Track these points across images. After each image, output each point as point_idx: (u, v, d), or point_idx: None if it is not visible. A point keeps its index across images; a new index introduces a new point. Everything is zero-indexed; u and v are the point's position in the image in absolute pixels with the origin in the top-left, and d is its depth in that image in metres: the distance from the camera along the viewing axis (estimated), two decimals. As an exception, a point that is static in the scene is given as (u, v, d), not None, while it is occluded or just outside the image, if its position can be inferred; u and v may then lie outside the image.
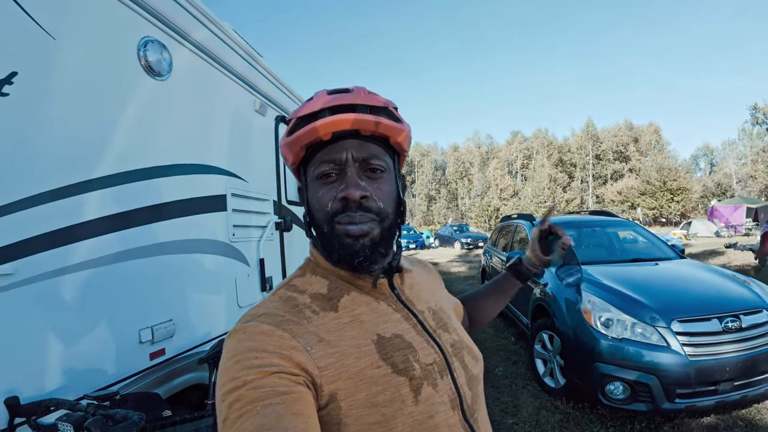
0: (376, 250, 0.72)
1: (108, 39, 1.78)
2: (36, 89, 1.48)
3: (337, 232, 0.70)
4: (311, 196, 0.74)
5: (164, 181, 2.05)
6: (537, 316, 4.47)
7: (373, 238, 0.71)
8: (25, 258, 1.43)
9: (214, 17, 2.46)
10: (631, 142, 62.56)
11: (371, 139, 0.73)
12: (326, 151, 0.71)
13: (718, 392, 3.10)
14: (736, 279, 3.98)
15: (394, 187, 0.76)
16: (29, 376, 1.45)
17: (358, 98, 0.71)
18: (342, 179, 0.70)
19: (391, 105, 0.76)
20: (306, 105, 0.73)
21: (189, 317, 2.23)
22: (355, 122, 0.70)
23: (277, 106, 3.44)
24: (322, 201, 0.71)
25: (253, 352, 0.59)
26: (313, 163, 0.73)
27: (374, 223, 0.71)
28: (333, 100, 0.70)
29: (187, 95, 2.27)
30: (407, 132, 0.77)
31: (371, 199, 0.70)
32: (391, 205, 0.74)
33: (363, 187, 0.70)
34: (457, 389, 0.72)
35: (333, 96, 0.72)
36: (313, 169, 0.73)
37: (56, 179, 1.54)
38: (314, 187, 0.73)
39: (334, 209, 0.70)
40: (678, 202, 46.35)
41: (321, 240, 0.74)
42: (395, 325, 0.73)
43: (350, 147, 0.71)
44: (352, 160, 0.70)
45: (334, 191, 0.70)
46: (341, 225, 0.70)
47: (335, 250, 0.71)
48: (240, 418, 0.54)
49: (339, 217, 0.70)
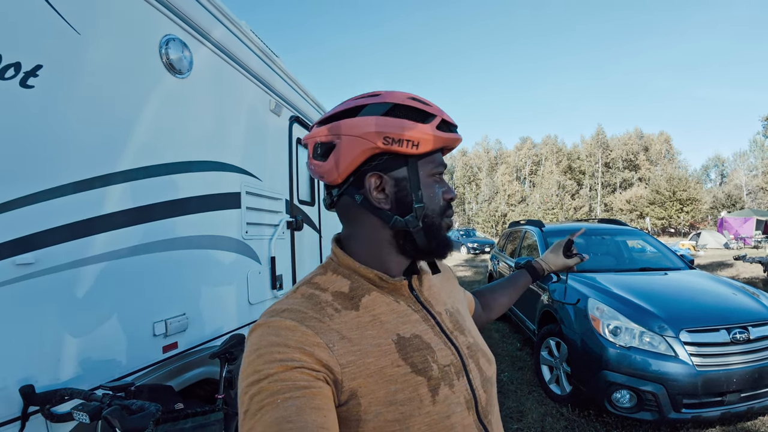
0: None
1: (131, 36, 1.82)
2: (60, 83, 1.51)
3: (445, 224, 0.78)
4: (427, 189, 0.76)
5: (182, 177, 2.08)
6: (544, 322, 4.46)
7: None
8: (46, 248, 1.46)
9: (233, 16, 2.50)
10: (641, 151, 62.08)
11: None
12: (439, 155, 0.79)
13: (725, 403, 3.08)
14: (745, 291, 3.95)
15: None
16: (44, 364, 1.47)
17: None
18: (442, 182, 0.79)
19: None
20: (442, 110, 0.78)
21: (201, 312, 2.25)
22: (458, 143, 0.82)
23: (292, 106, 3.48)
24: (439, 196, 0.77)
25: (276, 347, 0.61)
26: (433, 161, 0.77)
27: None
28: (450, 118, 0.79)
29: (205, 93, 2.31)
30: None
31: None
32: None
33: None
34: (473, 390, 0.74)
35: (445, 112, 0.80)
36: (432, 166, 0.77)
37: (77, 172, 1.57)
38: (430, 182, 0.77)
39: (443, 204, 0.78)
40: (687, 213, 45.89)
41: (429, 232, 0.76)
42: (414, 325, 0.74)
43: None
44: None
45: (441, 190, 0.78)
46: (448, 218, 0.79)
47: (439, 240, 0.77)
48: (261, 410, 0.55)
49: (449, 211, 0.79)
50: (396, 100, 0.73)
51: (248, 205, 2.68)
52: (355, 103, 0.74)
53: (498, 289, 1.29)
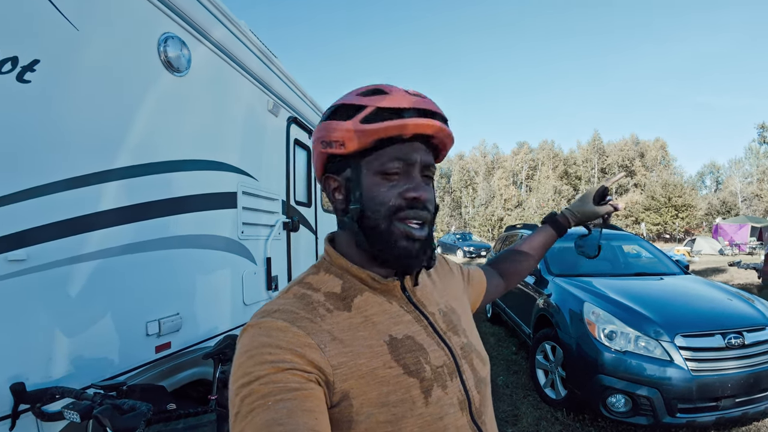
0: (425, 252, 0.73)
1: (130, 33, 1.81)
2: (57, 78, 1.50)
3: (395, 230, 0.70)
4: (369, 188, 0.71)
5: (178, 176, 2.07)
6: (539, 326, 4.45)
7: (426, 240, 0.72)
8: (39, 245, 1.44)
9: (231, 15, 2.50)
10: (637, 157, 62.54)
11: (431, 147, 0.75)
12: (399, 148, 0.70)
13: (719, 408, 3.08)
14: (740, 296, 3.97)
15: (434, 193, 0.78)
16: (36, 362, 1.46)
17: (435, 106, 0.72)
18: (407, 179, 0.70)
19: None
20: (384, 97, 0.70)
21: (195, 312, 2.24)
22: (437, 130, 0.70)
23: (290, 107, 3.47)
24: (384, 196, 0.70)
25: (267, 348, 0.60)
26: (379, 156, 0.70)
27: (427, 225, 0.73)
28: (418, 102, 0.70)
29: (203, 92, 2.30)
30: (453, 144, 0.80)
31: (430, 201, 0.73)
32: (435, 210, 0.76)
33: (430, 190, 0.72)
34: (466, 391, 0.73)
35: (416, 98, 0.71)
36: (378, 162, 0.70)
37: (73, 168, 1.56)
38: (374, 181, 0.71)
39: (397, 205, 0.69)
40: (682, 219, 46.12)
41: (372, 236, 0.71)
42: (407, 326, 0.73)
43: (420, 150, 0.71)
44: (419, 164, 0.71)
45: (398, 189, 0.70)
46: (401, 222, 0.70)
47: (390, 250, 0.71)
48: (251, 413, 0.54)
49: (405, 212, 0.69)
50: (342, 101, 0.73)
51: (244, 205, 2.67)
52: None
53: (516, 253, 1.22)
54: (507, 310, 6.03)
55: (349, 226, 0.74)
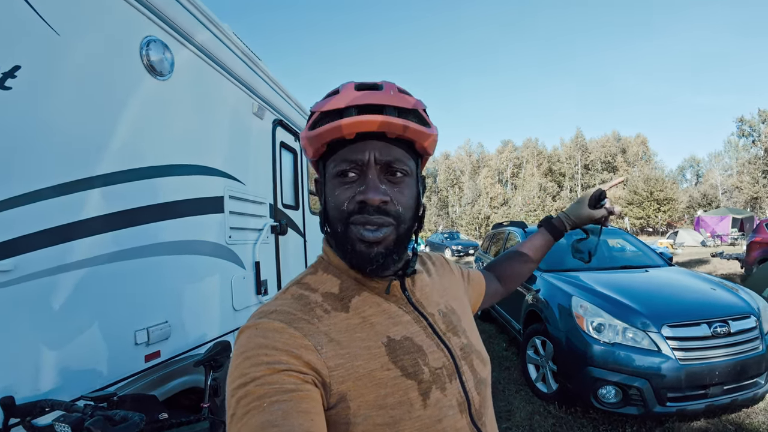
0: (389, 257, 0.70)
1: (112, 37, 1.78)
2: (39, 84, 1.47)
3: (351, 234, 0.68)
4: (329, 192, 0.71)
5: (163, 181, 2.04)
6: (529, 321, 4.49)
7: (387, 245, 0.69)
8: (25, 254, 1.41)
9: (215, 18, 2.48)
10: (619, 153, 63.52)
11: (396, 142, 0.70)
12: (348, 149, 0.68)
13: (708, 396, 3.14)
14: (725, 285, 4.04)
15: (415, 192, 0.74)
16: (24, 375, 1.43)
17: (386, 98, 0.67)
18: (362, 180, 0.68)
19: (421, 106, 0.72)
20: (331, 99, 0.68)
21: (184, 319, 2.21)
22: (382, 125, 0.66)
23: (275, 109, 3.45)
24: (338, 199, 0.69)
25: (264, 349, 0.60)
26: (334, 159, 0.70)
27: (390, 228, 0.68)
28: (360, 98, 0.66)
29: (187, 96, 2.27)
30: (434, 136, 0.74)
31: (391, 203, 0.68)
32: (410, 210, 0.72)
33: (383, 191, 0.67)
34: (466, 393, 0.72)
35: (361, 93, 0.67)
36: (333, 165, 0.70)
37: (56, 175, 1.53)
38: (332, 184, 0.70)
39: (349, 209, 0.68)
40: (665, 212, 46.93)
41: (335, 239, 0.72)
42: (405, 327, 0.72)
43: (374, 148, 0.68)
44: (374, 162, 0.68)
45: (352, 191, 0.68)
46: (356, 226, 0.67)
47: (348, 253, 0.70)
48: (247, 414, 0.54)
49: (354, 217, 0.67)
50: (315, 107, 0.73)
51: (231, 209, 2.64)
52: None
53: (514, 257, 1.21)
54: (497, 306, 6.07)
55: (322, 229, 0.76)
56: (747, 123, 50.60)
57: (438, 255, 1.02)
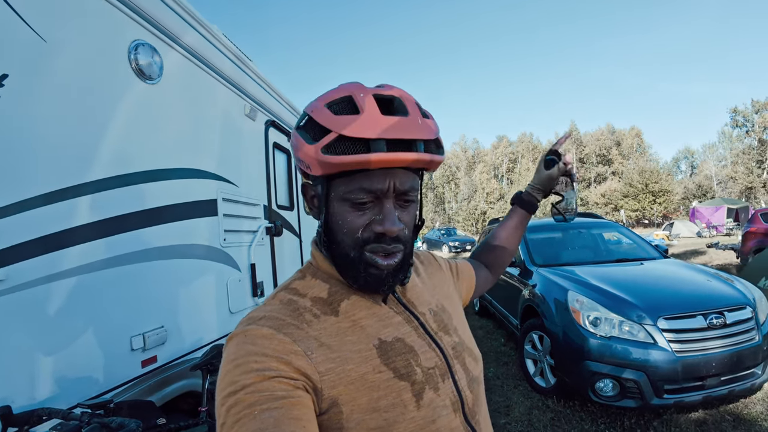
0: (396, 276, 0.71)
1: (99, 42, 1.77)
2: (26, 92, 1.46)
3: (365, 260, 0.68)
4: (337, 214, 0.68)
5: (155, 186, 2.03)
6: (526, 317, 4.50)
7: (395, 267, 0.70)
8: (17, 264, 1.41)
9: (203, 20, 2.46)
10: (613, 146, 63.63)
11: (413, 170, 0.69)
12: (368, 178, 0.64)
13: (706, 387, 3.15)
14: (720, 277, 4.06)
15: (417, 210, 0.75)
16: (21, 385, 1.43)
17: (415, 129, 0.64)
18: (378, 208, 0.67)
19: (438, 132, 0.70)
20: (353, 122, 0.61)
21: (180, 324, 2.20)
22: (413, 162, 0.64)
23: (267, 110, 3.44)
24: (351, 226, 0.67)
25: (253, 356, 0.59)
26: (347, 183, 0.66)
27: (400, 253, 0.70)
28: (390, 130, 0.62)
29: (177, 99, 2.26)
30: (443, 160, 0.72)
31: (403, 230, 0.68)
32: (412, 228, 0.73)
33: (399, 221, 0.67)
34: (459, 392, 0.72)
35: (390, 123, 0.62)
36: (344, 188, 0.66)
37: (47, 183, 1.52)
38: (342, 207, 0.67)
39: (364, 237, 0.67)
40: (660, 204, 47.13)
41: (342, 261, 0.70)
42: (396, 328, 0.72)
43: (394, 178, 0.65)
44: (392, 191, 0.66)
45: (367, 218, 0.67)
46: (371, 254, 0.67)
47: (360, 276, 0.69)
48: (237, 423, 0.53)
49: (371, 246, 0.67)
50: (312, 110, 0.67)
51: (225, 212, 2.64)
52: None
53: (496, 241, 1.21)
54: (494, 302, 6.09)
55: (319, 244, 0.75)
56: (740, 113, 50.83)
57: (426, 253, 1.01)
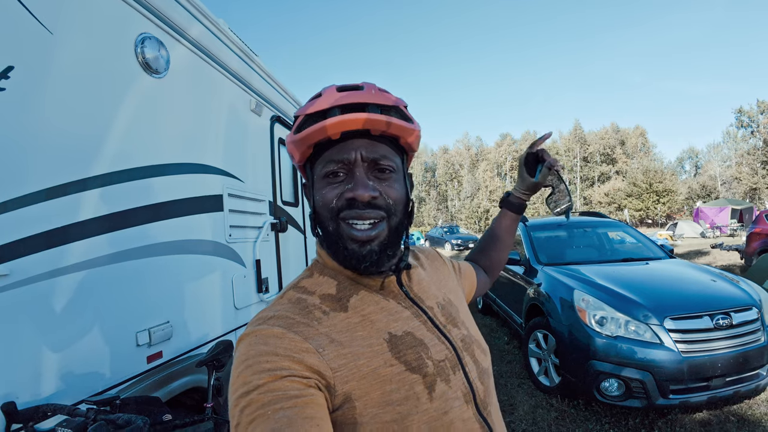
0: (383, 253, 0.71)
1: (105, 35, 1.75)
2: (32, 84, 1.45)
3: (342, 232, 0.69)
4: (317, 193, 0.72)
5: (161, 181, 2.02)
6: (531, 315, 4.49)
7: (381, 241, 0.70)
8: (21, 259, 1.39)
9: (210, 14, 2.44)
10: (617, 145, 63.45)
11: (381, 139, 0.72)
12: (335, 150, 0.70)
13: (711, 388, 3.15)
14: (726, 277, 4.04)
15: (403, 187, 0.75)
16: (26, 380, 1.41)
17: (369, 96, 0.69)
18: (350, 179, 0.69)
19: (402, 104, 0.74)
20: (315, 102, 0.70)
21: (186, 319, 2.20)
22: (366, 122, 0.68)
23: (272, 106, 3.43)
24: (326, 198, 0.70)
25: (265, 356, 0.59)
26: (321, 161, 0.72)
27: (383, 223, 0.70)
28: (343, 98, 0.68)
29: (183, 93, 2.25)
30: (418, 132, 0.76)
31: (380, 197, 0.69)
32: (400, 203, 0.73)
33: (372, 187, 0.68)
34: (470, 384, 0.73)
35: (343, 93, 0.69)
36: (320, 167, 0.72)
37: (52, 177, 1.51)
38: (320, 185, 0.72)
39: (338, 206, 0.69)
40: (664, 204, 47.00)
41: (326, 239, 0.73)
42: (406, 322, 0.73)
43: (360, 147, 0.69)
44: (360, 160, 0.69)
45: (340, 189, 0.69)
46: (346, 224, 0.69)
47: (340, 252, 0.71)
48: (252, 423, 0.53)
49: (344, 213, 0.68)
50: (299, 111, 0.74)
51: (231, 207, 2.63)
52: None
53: (490, 245, 1.23)
54: (498, 300, 6.08)
55: (313, 230, 0.76)
56: (746, 114, 50.63)
57: (430, 249, 1.03)
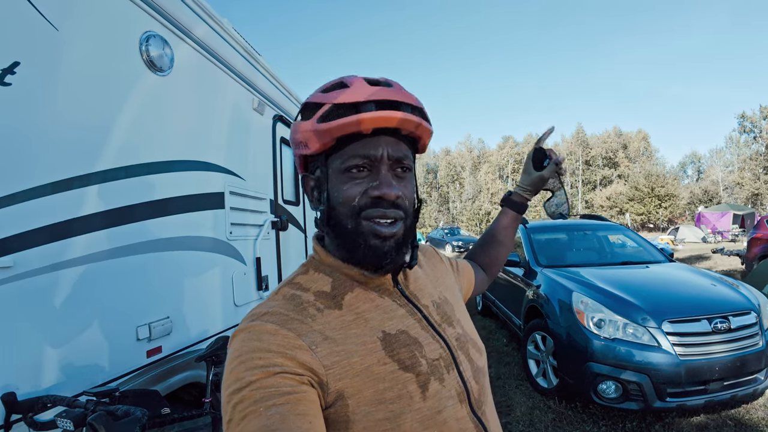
0: (400, 251, 0.70)
1: (111, 32, 1.78)
2: (38, 80, 1.47)
3: (363, 229, 0.68)
4: (334, 188, 0.70)
5: (163, 177, 2.04)
6: (530, 317, 4.50)
7: (398, 239, 0.70)
8: (25, 251, 1.41)
9: (214, 14, 2.47)
10: (620, 149, 63.28)
11: (404, 139, 0.72)
12: (361, 144, 0.68)
13: (708, 391, 3.14)
14: (725, 281, 4.04)
15: (414, 186, 0.76)
16: (26, 371, 1.43)
17: (402, 95, 0.69)
18: (374, 176, 0.68)
19: (422, 105, 0.74)
20: (344, 92, 0.67)
21: (186, 315, 2.21)
22: (400, 122, 0.67)
23: (275, 105, 3.45)
24: (348, 194, 0.68)
25: (257, 353, 0.59)
26: (342, 154, 0.69)
27: (400, 222, 0.70)
28: (378, 94, 0.67)
29: (187, 91, 2.27)
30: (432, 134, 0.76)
31: (401, 197, 0.69)
32: (412, 203, 0.74)
33: (396, 186, 0.69)
34: (464, 383, 0.73)
35: (377, 88, 0.68)
36: (340, 161, 0.69)
37: (56, 172, 1.53)
38: (339, 179, 0.69)
39: (361, 204, 0.68)
40: (665, 209, 46.84)
41: (341, 236, 0.71)
42: (400, 321, 0.72)
43: (387, 144, 0.69)
44: (386, 158, 0.69)
45: (364, 186, 0.68)
46: (368, 222, 0.68)
47: (360, 249, 0.69)
48: (244, 420, 0.54)
49: (368, 211, 0.68)
50: (308, 98, 0.72)
51: (232, 205, 2.65)
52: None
53: (489, 243, 1.23)
54: (497, 302, 6.08)
55: (321, 226, 0.75)
56: (748, 119, 50.55)
57: (427, 246, 1.02)
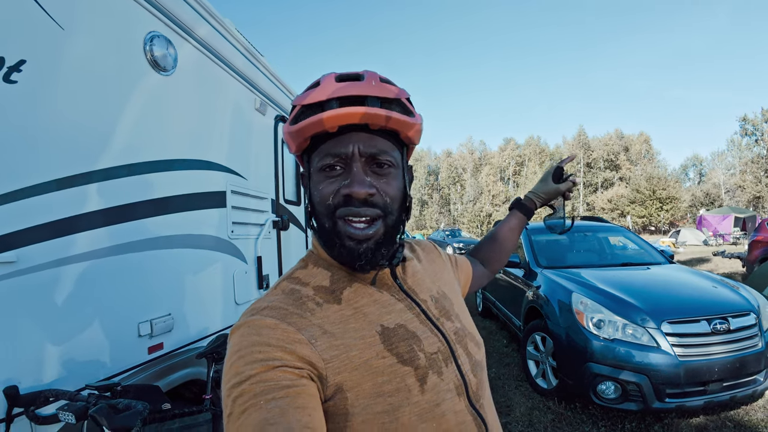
0: (378, 251, 0.69)
1: (115, 32, 1.80)
2: (43, 78, 1.49)
3: (339, 230, 0.68)
4: (313, 187, 0.71)
5: (166, 176, 2.06)
6: (530, 318, 4.50)
7: (377, 239, 0.69)
8: (28, 246, 1.43)
9: (217, 14, 2.49)
10: (621, 151, 63.22)
11: (380, 133, 0.70)
12: (332, 143, 0.68)
13: (708, 392, 3.15)
14: (725, 283, 4.05)
15: (401, 183, 0.73)
16: (28, 365, 1.45)
17: (368, 88, 0.67)
18: (347, 173, 0.67)
19: (404, 95, 0.71)
20: (312, 92, 0.67)
21: (187, 312, 2.23)
22: (364, 117, 0.65)
23: (277, 105, 3.46)
24: (323, 193, 0.68)
25: (257, 347, 0.60)
26: (318, 153, 0.70)
27: (379, 221, 0.68)
28: (341, 90, 0.65)
29: (190, 91, 2.29)
30: (419, 125, 0.73)
31: (378, 195, 0.68)
32: (397, 201, 0.71)
33: (369, 183, 0.67)
34: (462, 376, 0.73)
35: (342, 84, 0.66)
36: (317, 159, 0.70)
37: (61, 169, 1.55)
38: (317, 178, 0.70)
39: (335, 203, 0.67)
40: (667, 211, 46.76)
41: (321, 234, 0.71)
42: (399, 315, 0.73)
43: (357, 141, 0.67)
44: (358, 155, 0.67)
45: (337, 185, 0.67)
46: (343, 222, 0.67)
47: (336, 248, 0.69)
48: (244, 413, 0.54)
49: (340, 210, 0.67)
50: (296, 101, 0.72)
51: (234, 204, 2.66)
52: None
53: (494, 241, 1.26)
54: (497, 303, 6.09)
55: (308, 224, 0.75)
56: (750, 122, 50.49)
57: (426, 241, 1.02)
